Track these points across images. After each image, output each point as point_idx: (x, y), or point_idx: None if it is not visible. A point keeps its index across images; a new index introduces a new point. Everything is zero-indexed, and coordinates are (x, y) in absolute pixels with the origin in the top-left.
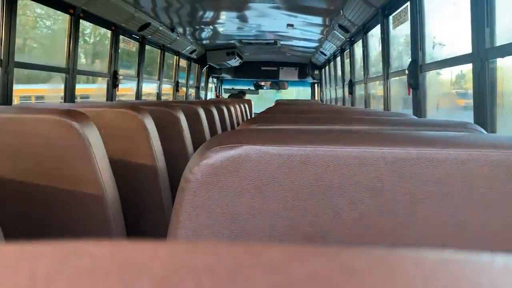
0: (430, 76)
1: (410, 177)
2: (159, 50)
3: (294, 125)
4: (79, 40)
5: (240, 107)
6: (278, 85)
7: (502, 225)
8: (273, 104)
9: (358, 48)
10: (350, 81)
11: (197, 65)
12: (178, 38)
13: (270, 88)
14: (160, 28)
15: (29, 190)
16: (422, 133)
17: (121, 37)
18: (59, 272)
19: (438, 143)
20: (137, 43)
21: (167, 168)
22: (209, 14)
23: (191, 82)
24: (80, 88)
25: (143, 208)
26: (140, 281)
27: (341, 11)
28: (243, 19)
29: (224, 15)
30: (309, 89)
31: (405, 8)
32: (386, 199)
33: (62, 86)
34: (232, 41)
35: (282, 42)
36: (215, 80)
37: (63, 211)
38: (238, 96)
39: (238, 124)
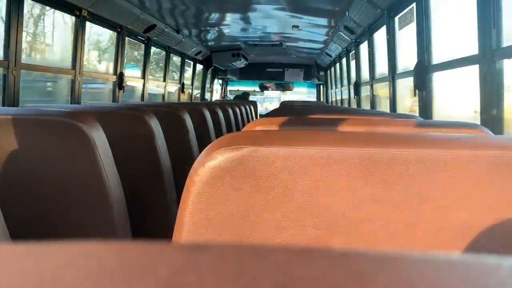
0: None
1: (417, 178)
2: (164, 52)
3: (299, 126)
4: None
5: (245, 108)
6: (283, 86)
7: (509, 227)
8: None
9: (363, 49)
10: (356, 82)
11: (202, 66)
12: (183, 39)
13: (276, 90)
14: (166, 29)
15: (35, 191)
16: (429, 134)
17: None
18: (66, 273)
19: (445, 144)
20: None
21: (172, 169)
22: (214, 16)
23: (196, 83)
24: None
25: (148, 209)
26: (145, 283)
27: (347, 12)
28: (248, 20)
29: (229, 17)
30: (303, 91)
31: (411, 9)
32: (392, 200)
33: None
34: (237, 43)
35: (287, 44)
36: (220, 81)
37: (69, 212)
38: (242, 97)
39: (243, 125)
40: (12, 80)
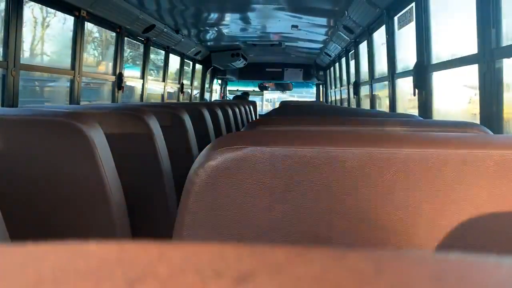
0: None
1: (416, 177)
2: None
3: (299, 126)
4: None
5: (244, 108)
6: (282, 86)
7: (509, 226)
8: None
9: (363, 49)
10: (355, 82)
11: (201, 66)
12: (182, 39)
13: (275, 90)
14: (165, 29)
15: (34, 192)
16: (428, 134)
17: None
18: (65, 273)
19: (445, 144)
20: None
21: (172, 169)
22: (214, 16)
23: (195, 83)
24: None
25: (148, 209)
26: (145, 283)
27: (346, 12)
28: (247, 20)
29: (228, 17)
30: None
31: (410, 9)
32: (392, 199)
33: None
34: (237, 43)
35: (286, 43)
36: (219, 81)
37: (69, 213)
38: (242, 97)
39: (243, 125)
40: (11, 81)
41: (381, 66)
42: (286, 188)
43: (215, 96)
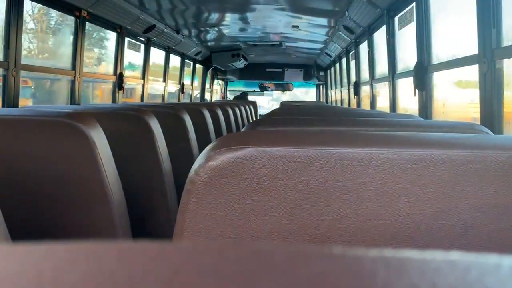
0: None
1: (416, 178)
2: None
3: (299, 126)
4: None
5: (245, 108)
6: (283, 86)
7: (509, 227)
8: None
9: (363, 49)
10: (356, 82)
11: (202, 66)
12: (183, 40)
13: (276, 90)
14: (165, 30)
15: (35, 192)
16: (428, 134)
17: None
18: (66, 273)
19: (444, 144)
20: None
21: (172, 170)
22: (214, 16)
23: (196, 84)
24: None
25: (148, 210)
26: (146, 282)
27: (346, 12)
28: (248, 20)
29: (229, 17)
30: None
31: (410, 9)
32: (392, 200)
33: None
34: (237, 43)
35: (287, 44)
36: (220, 81)
37: (70, 213)
38: (241, 97)
39: (243, 125)
40: (12, 81)
41: (381, 67)
42: (286, 188)
43: (216, 97)
